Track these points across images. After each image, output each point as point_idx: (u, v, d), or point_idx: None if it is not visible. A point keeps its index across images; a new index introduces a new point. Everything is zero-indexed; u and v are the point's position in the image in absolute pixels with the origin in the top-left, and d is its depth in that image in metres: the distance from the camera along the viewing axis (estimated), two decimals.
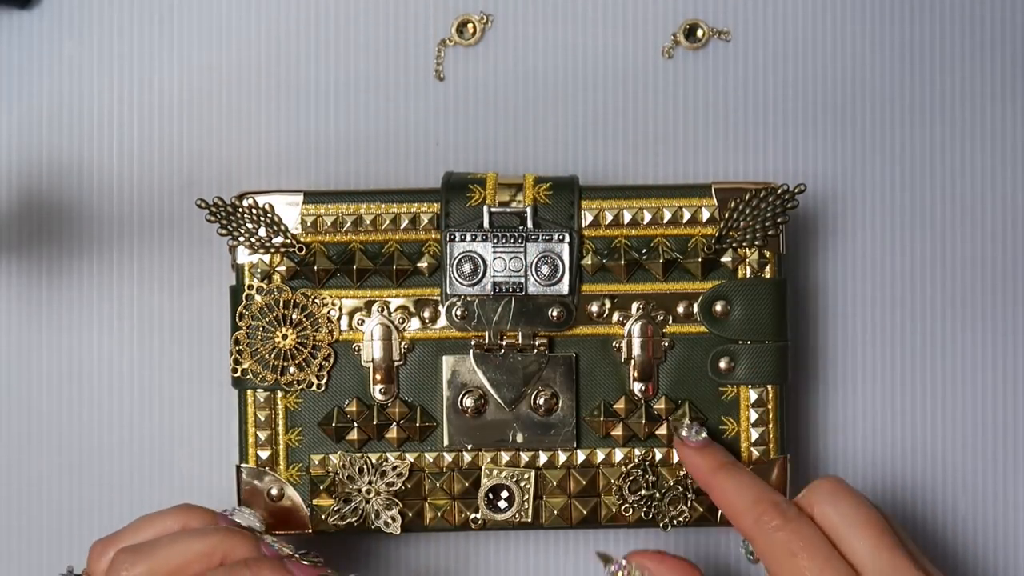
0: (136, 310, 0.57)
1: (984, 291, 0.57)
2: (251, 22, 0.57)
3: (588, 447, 0.52)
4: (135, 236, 0.57)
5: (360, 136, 0.57)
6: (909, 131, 0.57)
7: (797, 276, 0.57)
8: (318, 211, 0.51)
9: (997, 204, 0.57)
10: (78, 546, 0.56)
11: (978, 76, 0.57)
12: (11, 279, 0.57)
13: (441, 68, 0.57)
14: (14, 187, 0.57)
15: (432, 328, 0.51)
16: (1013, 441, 0.57)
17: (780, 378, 0.52)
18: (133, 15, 0.57)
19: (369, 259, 0.51)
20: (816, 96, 0.57)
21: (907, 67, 0.57)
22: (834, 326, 0.57)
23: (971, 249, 0.57)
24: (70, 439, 0.57)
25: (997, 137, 0.57)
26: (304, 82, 0.57)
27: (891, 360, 0.57)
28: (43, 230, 0.57)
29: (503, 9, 0.57)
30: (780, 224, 0.51)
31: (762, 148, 0.57)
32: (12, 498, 0.57)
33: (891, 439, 0.57)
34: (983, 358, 0.57)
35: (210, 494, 0.56)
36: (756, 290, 0.51)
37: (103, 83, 0.57)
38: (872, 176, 0.57)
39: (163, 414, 0.57)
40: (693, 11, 0.57)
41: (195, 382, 0.57)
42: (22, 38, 0.57)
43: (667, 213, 0.51)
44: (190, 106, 0.57)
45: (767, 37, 0.57)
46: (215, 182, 0.57)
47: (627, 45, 0.57)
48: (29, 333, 0.57)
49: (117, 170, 0.57)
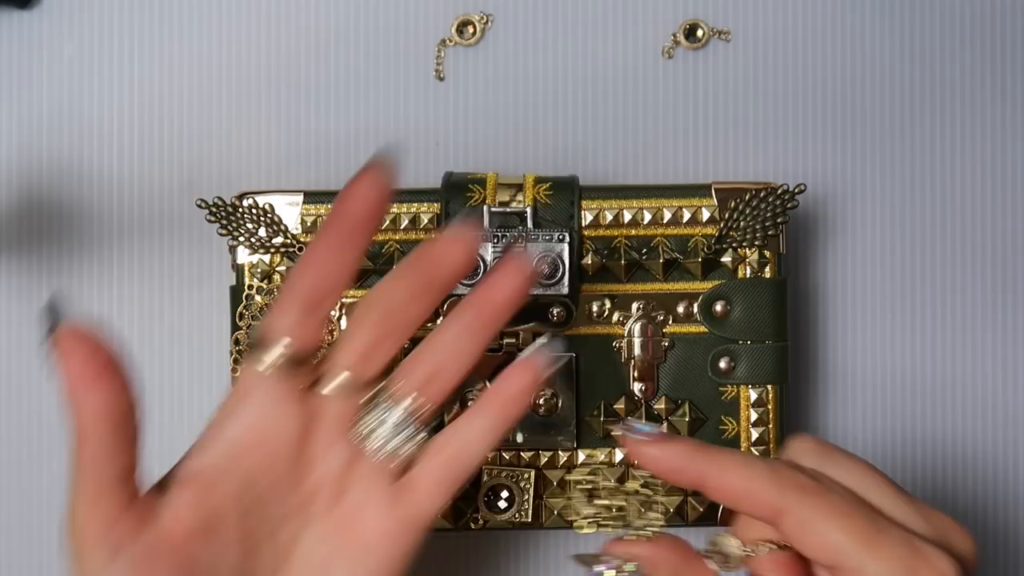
0: (136, 310, 0.57)
1: (984, 291, 0.57)
2: (251, 22, 0.57)
3: (588, 447, 0.52)
4: (135, 236, 0.57)
5: (360, 136, 0.57)
6: (909, 131, 0.57)
7: (797, 276, 0.57)
8: (318, 211, 0.51)
9: (997, 204, 0.57)
10: None
11: (978, 77, 0.57)
12: (11, 279, 0.57)
13: (441, 68, 0.57)
14: (14, 187, 0.57)
15: (432, 328, 0.51)
16: (1014, 441, 0.57)
17: (780, 378, 0.52)
18: (133, 15, 0.57)
19: (369, 259, 0.51)
20: (816, 96, 0.57)
21: (907, 67, 0.57)
22: (834, 326, 0.57)
23: (971, 249, 0.57)
24: (69, 438, 0.57)
25: (997, 137, 0.57)
26: (304, 82, 0.57)
27: (891, 360, 0.57)
28: (43, 230, 0.57)
29: (503, 9, 0.57)
30: (780, 224, 0.51)
31: (762, 148, 0.57)
32: (12, 497, 0.57)
33: (891, 439, 0.57)
34: (983, 358, 0.57)
35: None
36: (756, 290, 0.51)
37: (103, 83, 0.57)
38: (872, 176, 0.57)
39: (163, 414, 0.57)
40: (693, 11, 0.57)
41: (195, 382, 0.57)
42: (22, 38, 0.57)
43: (667, 213, 0.51)
44: (190, 106, 0.57)
45: (767, 37, 0.57)
46: (215, 182, 0.57)
47: (627, 45, 0.57)
48: (29, 333, 0.57)
49: (117, 170, 0.57)
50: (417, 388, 0.40)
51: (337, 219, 0.39)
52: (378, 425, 0.40)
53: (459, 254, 0.40)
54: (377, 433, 0.40)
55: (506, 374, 0.41)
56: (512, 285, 0.40)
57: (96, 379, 0.36)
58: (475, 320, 0.40)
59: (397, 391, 0.40)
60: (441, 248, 0.40)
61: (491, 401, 0.41)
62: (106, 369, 0.36)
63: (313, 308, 0.39)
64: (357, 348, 0.40)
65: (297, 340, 0.39)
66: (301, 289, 0.39)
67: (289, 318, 0.39)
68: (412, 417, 0.40)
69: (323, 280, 0.39)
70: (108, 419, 0.36)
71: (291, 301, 0.39)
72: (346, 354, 0.40)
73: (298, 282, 0.39)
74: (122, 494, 0.37)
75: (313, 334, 0.39)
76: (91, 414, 0.36)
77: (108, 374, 0.36)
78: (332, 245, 0.39)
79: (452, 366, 0.40)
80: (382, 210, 0.39)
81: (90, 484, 0.37)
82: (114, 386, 0.36)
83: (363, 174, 0.38)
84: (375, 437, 0.40)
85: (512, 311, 0.40)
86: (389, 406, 0.40)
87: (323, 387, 0.40)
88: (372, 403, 0.40)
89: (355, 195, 0.38)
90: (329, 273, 0.39)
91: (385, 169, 0.39)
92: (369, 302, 0.40)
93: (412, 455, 0.41)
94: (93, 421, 0.36)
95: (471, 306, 0.40)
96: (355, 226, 0.39)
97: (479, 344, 0.41)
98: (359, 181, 0.38)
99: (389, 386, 0.40)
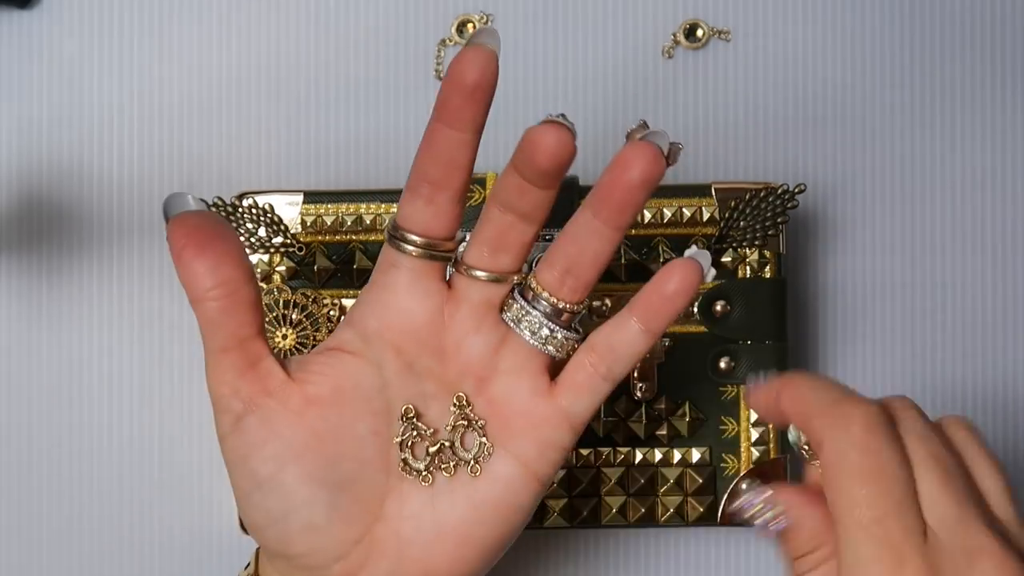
0: (136, 310, 0.57)
1: (984, 291, 0.57)
2: (251, 22, 0.57)
3: (589, 447, 0.52)
4: (135, 236, 0.57)
5: (360, 136, 0.57)
6: (909, 131, 0.57)
7: (797, 276, 0.57)
8: (318, 211, 0.51)
9: (998, 204, 0.57)
10: (77, 545, 0.56)
11: (978, 77, 0.57)
12: (11, 279, 0.57)
13: (441, 68, 0.57)
14: (14, 187, 0.57)
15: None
16: (1014, 441, 0.57)
17: None
18: (133, 15, 0.57)
19: (369, 259, 0.51)
20: (816, 96, 0.57)
21: (907, 67, 0.57)
22: (834, 326, 0.57)
23: (971, 248, 0.57)
24: (69, 439, 0.57)
25: (997, 137, 0.57)
26: (304, 82, 0.57)
27: (891, 360, 0.57)
28: (43, 230, 0.57)
29: (503, 9, 0.57)
30: (780, 224, 0.51)
31: (762, 148, 0.57)
32: (12, 497, 0.57)
33: None
34: (984, 358, 0.57)
35: (210, 494, 0.56)
36: (756, 290, 0.51)
37: (103, 83, 0.57)
38: (872, 176, 0.57)
39: (163, 414, 0.57)
40: (693, 11, 0.57)
41: (195, 382, 0.57)
42: (22, 38, 0.57)
43: (667, 213, 0.51)
44: (190, 106, 0.57)
45: (767, 37, 0.57)
46: (215, 182, 0.57)
47: (627, 45, 0.57)
48: (29, 333, 0.57)
49: (117, 170, 0.57)
50: (554, 283, 0.39)
51: (448, 92, 0.37)
52: (524, 314, 0.40)
53: (555, 140, 0.36)
54: (527, 320, 0.39)
55: (664, 273, 0.39)
56: (645, 161, 0.37)
57: (202, 247, 0.37)
58: (603, 207, 0.38)
59: (537, 284, 0.40)
60: (535, 136, 0.37)
61: (649, 299, 0.39)
62: (213, 240, 0.37)
63: (438, 190, 0.38)
64: (488, 238, 0.39)
65: (426, 225, 0.39)
66: (422, 171, 0.38)
67: (415, 204, 0.39)
68: (557, 311, 0.39)
69: (442, 158, 0.38)
70: (218, 285, 0.37)
71: (414, 185, 0.38)
72: (480, 243, 0.40)
73: (418, 165, 0.38)
74: (241, 358, 0.38)
75: (442, 217, 0.38)
76: (200, 280, 0.37)
77: (215, 244, 0.37)
78: (447, 120, 0.37)
79: (586, 258, 0.39)
80: (493, 76, 0.36)
81: (210, 349, 0.38)
82: (220, 254, 0.37)
83: (471, 44, 0.36)
84: (526, 323, 0.40)
85: (644, 196, 0.37)
86: (533, 297, 0.40)
87: (463, 271, 0.40)
88: (517, 290, 0.40)
89: (465, 64, 0.36)
90: (447, 149, 0.37)
91: (492, 37, 0.36)
92: (490, 193, 0.40)
93: (566, 348, 0.40)
94: (204, 287, 0.37)
95: (598, 193, 0.38)
96: (467, 96, 0.36)
97: (610, 234, 0.38)
98: (468, 50, 0.36)
99: (531, 278, 0.40)
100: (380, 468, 0.40)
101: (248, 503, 0.39)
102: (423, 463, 0.40)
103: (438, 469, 0.40)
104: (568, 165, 0.37)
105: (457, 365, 0.40)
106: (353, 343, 0.40)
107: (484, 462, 0.40)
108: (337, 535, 0.39)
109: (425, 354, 0.40)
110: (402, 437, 0.40)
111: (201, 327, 0.38)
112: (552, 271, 0.39)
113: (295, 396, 0.39)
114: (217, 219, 0.38)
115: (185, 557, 0.56)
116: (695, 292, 0.39)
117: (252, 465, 0.38)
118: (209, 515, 0.56)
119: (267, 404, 0.38)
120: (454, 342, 0.40)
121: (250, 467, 0.38)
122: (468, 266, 0.40)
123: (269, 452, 0.38)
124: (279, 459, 0.38)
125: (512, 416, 0.40)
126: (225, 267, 0.37)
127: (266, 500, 0.38)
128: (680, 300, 0.39)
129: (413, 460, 0.40)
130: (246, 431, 0.38)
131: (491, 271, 0.39)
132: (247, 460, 0.38)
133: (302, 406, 0.39)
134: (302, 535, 0.39)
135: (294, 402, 0.39)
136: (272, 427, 0.38)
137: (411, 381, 0.40)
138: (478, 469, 0.40)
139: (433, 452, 0.40)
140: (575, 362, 0.40)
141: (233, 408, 0.38)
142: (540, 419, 0.40)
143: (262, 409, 0.38)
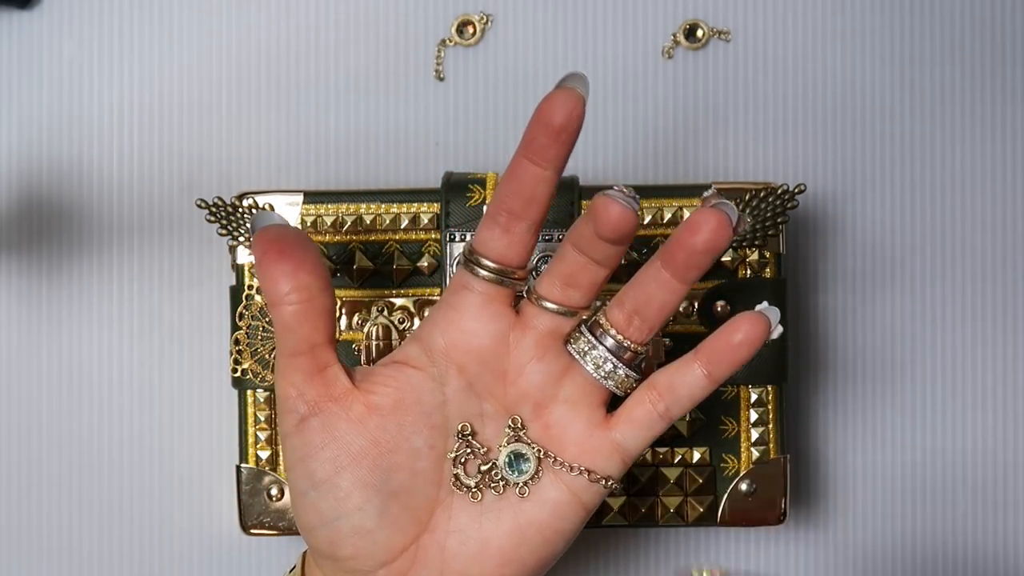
0: (136, 310, 0.57)
1: (985, 291, 0.57)
2: (251, 22, 0.57)
3: None
4: (135, 236, 0.57)
5: (360, 136, 0.57)
6: (909, 131, 0.57)
7: (797, 276, 0.57)
8: (318, 211, 0.51)
9: (998, 204, 0.57)
10: (77, 545, 0.56)
11: (978, 77, 0.57)
12: (11, 279, 0.57)
13: (441, 68, 0.57)
14: (14, 187, 0.57)
15: None
16: (1014, 440, 0.57)
17: (780, 378, 0.52)
18: (133, 15, 0.57)
19: (369, 259, 0.51)
20: (816, 96, 0.57)
21: (907, 67, 0.57)
22: (834, 326, 0.57)
23: (971, 248, 0.57)
24: (70, 439, 0.57)
25: (997, 137, 0.57)
26: (304, 82, 0.57)
27: (891, 360, 0.57)
28: (43, 230, 0.57)
29: (503, 9, 0.57)
30: (780, 224, 0.51)
31: (762, 148, 0.57)
32: (11, 497, 0.57)
33: (891, 439, 0.57)
34: (984, 358, 0.57)
35: (210, 494, 0.56)
36: (756, 290, 0.51)
37: (103, 83, 0.57)
38: (872, 176, 0.57)
39: (163, 414, 0.57)
40: (693, 11, 0.57)
41: (195, 382, 0.57)
42: (22, 38, 0.57)
43: (667, 213, 0.51)
44: (190, 106, 0.57)
45: (767, 37, 0.57)
46: (215, 182, 0.57)
47: (627, 45, 0.57)
48: (29, 333, 0.57)
49: (117, 170, 0.57)
50: (622, 322, 0.41)
51: (535, 130, 0.39)
52: (591, 348, 0.41)
53: (618, 215, 0.39)
54: (593, 354, 0.41)
55: (734, 323, 0.40)
56: (710, 230, 0.39)
57: (282, 254, 0.39)
58: (670, 263, 0.40)
59: (606, 321, 0.41)
60: (600, 208, 0.39)
61: (715, 347, 0.40)
62: (293, 248, 0.39)
63: (515, 220, 0.40)
64: (562, 273, 0.41)
65: (501, 252, 0.40)
66: (502, 201, 0.40)
67: (493, 231, 0.40)
68: (622, 349, 0.41)
69: (523, 192, 0.39)
70: (295, 291, 0.39)
71: (494, 213, 0.40)
72: (553, 277, 0.41)
73: (499, 195, 0.40)
74: (310, 363, 0.40)
75: (517, 246, 0.40)
76: (279, 284, 0.39)
77: (294, 252, 0.39)
78: (531, 156, 0.39)
79: (653, 306, 0.40)
80: (579, 120, 0.38)
81: (281, 351, 0.40)
82: (298, 261, 0.39)
83: (561, 87, 0.38)
84: (591, 357, 0.41)
85: (709, 260, 0.39)
86: (601, 333, 0.41)
87: (533, 300, 0.41)
88: (585, 325, 0.41)
89: (553, 105, 0.38)
90: (528, 184, 0.39)
91: (581, 82, 0.39)
92: (568, 232, 0.41)
93: (625, 385, 0.41)
94: (281, 292, 0.39)
95: (668, 248, 0.40)
96: (552, 136, 0.38)
97: (676, 287, 0.40)
98: (558, 92, 0.38)
99: (600, 314, 0.41)
100: (432, 481, 0.41)
101: (303, 502, 0.41)
102: (474, 480, 0.41)
103: (488, 487, 0.41)
104: (631, 237, 0.39)
105: (517, 389, 0.41)
106: (418, 358, 0.41)
107: (533, 484, 0.41)
108: (385, 541, 0.40)
109: (487, 375, 0.41)
110: (456, 453, 0.41)
111: (276, 330, 0.40)
112: (621, 311, 0.41)
113: (358, 404, 0.40)
114: (298, 232, 0.40)
115: (185, 557, 0.56)
116: (761, 345, 0.40)
117: (310, 466, 0.40)
118: (209, 515, 0.56)
119: (330, 409, 0.40)
120: (517, 367, 0.41)
121: (308, 467, 0.40)
122: (539, 296, 0.41)
123: (328, 455, 0.40)
124: (336, 462, 0.40)
125: (566, 444, 0.41)
126: (302, 273, 0.39)
127: (320, 501, 0.40)
128: (745, 351, 0.40)
129: (465, 476, 0.41)
130: (308, 432, 0.40)
131: (561, 304, 0.41)
132: (306, 460, 0.40)
133: (364, 414, 0.40)
134: (351, 538, 0.40)
135: (356, 409, 0.40)
136: (333, 431, 0.40)
137: (470, 400, 0.41)
138: (526, 491, 0.41)
139: (485, 470, 0.41)
140: (635, 398, 0.41)
141: (298, 409, 0.40)
142: (593, 449, 0.41)
143: (325, 413, 0.40)
